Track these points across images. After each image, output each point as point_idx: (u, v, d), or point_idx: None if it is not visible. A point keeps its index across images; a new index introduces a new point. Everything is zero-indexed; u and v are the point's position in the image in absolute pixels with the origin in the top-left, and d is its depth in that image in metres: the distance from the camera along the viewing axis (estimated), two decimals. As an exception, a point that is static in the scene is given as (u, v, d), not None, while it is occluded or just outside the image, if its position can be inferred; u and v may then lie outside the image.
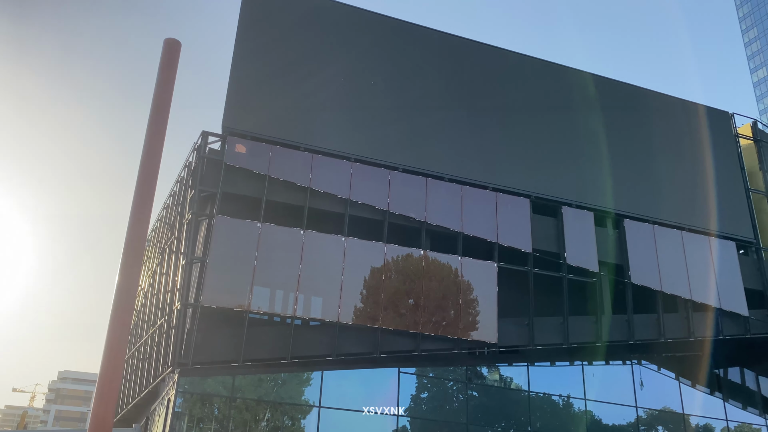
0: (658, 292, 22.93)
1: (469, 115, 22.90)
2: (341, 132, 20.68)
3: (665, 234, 24.05)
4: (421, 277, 19.77)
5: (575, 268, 22.05)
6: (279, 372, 19.02)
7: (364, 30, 22.50)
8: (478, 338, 19.83)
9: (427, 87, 22.70)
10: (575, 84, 25.30)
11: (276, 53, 20.87)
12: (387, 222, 20.03)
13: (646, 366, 24.96)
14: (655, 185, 25.08)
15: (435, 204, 20.79)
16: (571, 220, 22.60)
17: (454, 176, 21.43)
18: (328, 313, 18.38)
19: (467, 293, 20.27)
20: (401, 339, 19.13)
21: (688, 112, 27.41)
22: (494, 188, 21.88)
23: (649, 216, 24.04)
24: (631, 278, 22.65)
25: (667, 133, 26.55)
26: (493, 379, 22.50)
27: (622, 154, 25.00)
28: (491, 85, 23.84)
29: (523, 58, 24.82)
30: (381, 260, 19.46)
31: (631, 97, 26.39)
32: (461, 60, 23.72)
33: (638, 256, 23.08)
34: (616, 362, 24.34)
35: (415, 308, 19.39)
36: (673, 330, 23.16)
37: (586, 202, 23.13)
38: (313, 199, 19.39)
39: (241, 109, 19.69)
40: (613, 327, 22.23)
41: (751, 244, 26.10)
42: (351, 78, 21.69)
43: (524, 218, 21.87)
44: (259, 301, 17.99)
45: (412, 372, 20.70)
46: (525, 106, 24.05)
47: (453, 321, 19.71)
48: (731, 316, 24.17)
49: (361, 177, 20.11)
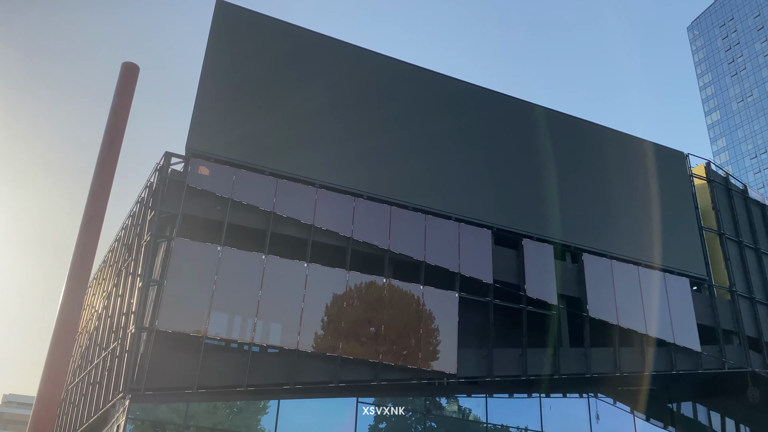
0: (615, 326, 23.32)
1: (435, 146, 23.20)
2: (306, 158, 20.67)
3: (622, 269, 24.56)
4: (383, 306, 19.71)
5: (534, 300, 22.29)
6: (234, 400, 18.59)
7: (332, 58, 22.69)
8: (438, 368, 19.78)
9: (393, 116, 22.93)
10: (539, 119, 25.90)
11: (244, 77, 20.87)
12: (350, 249, 19.98)
13: (602, 399, 25.22)
14: (613, 221, 25.69)
15: (399, 232, 20.87)
16: (532, 252, 22.92)
17: (418, 205, 21.58)
18: (287, 340, 18.13)
19: (428, 323, 20.28)
20: (361, 368, 18.95)
21: (645, 151, 28.27)
22: (457, 218, 22.08)
23: (606, 251, 24.55)
24: (589, 312, 22.99)
25: (625, 171, 27.30)
26: (452, 410, 22.42)
27: (582, 190, 25.60)
28: (456, 117, 24.22)
29: (488, 92, 25.34)
30: (343, 287, 19.36)
31: (592, 134, 27.12)
32: (428, 92, 24.09)
33: (596, 290, 23.49)
34: (573, 395, 24.54)
35: (376, 337, 19.28)
36: (629, 364, 23.51)
37: (547, 235, 23.51)
38: (276, 223, 19.25)
39: (205, 130, 19.53)
40: (571, 360, 22.46)
41: (704, 281, 26.83)
42: (318, 105, 21.77)
43: (486, 249, 22.09)
44: (217, 327, 17.65)
45: (370, 402, 20.48)
46: (489, 139, 24.49)
47: (413, 350, 19.64)
48: (684, 352, 24.68)
49: (326, 203, 20.09)
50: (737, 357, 26.21)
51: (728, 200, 30.19)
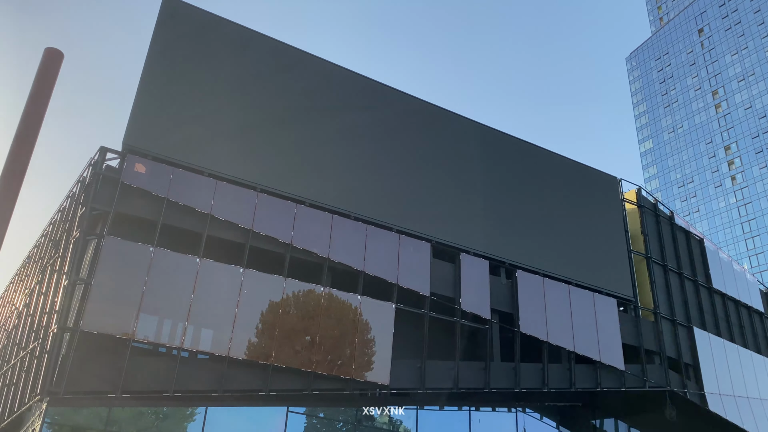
0: (545, 342, 23.92)
1: (380, 158, 23.30)
2: (248, 161, 20.36)
3: (554, 287, 25.26)
4: (320, 315, 19.56)
5: (469, 314, 22.63)
6: (160, 405, 18.00)
7: (280, 62, 22.49)
8: (371, 379, 19.75)
9: (339, 126, 22.89)
10: (482, 138, 26.41)
11: (187, 75, 20.40)
12: (289, 256, 19.78)
13: (529, 414, 25.80)
14: (547, 239, 26.41)
15: (339, 241, 20.80)
16: (468, 267, 23.28)
17: (360, 215, 21.59)
18: (219, 347, 17.71)
19: (364, 333, 20.25)
20: (293, 377, 18.71)
21: (581, 174, 29.26)
22: (398, 230, 22.22)
23: (540, 268, 25.20)
24: (520, 327, 23.51)
25: (561, 192, 28.16)
26: (383, 422, 22.41)
27: (519, 208, 26.23)
28: (403, 131, 24.42)
29: (437, 109, 25.63)
30: (280, 294, 19.11)
31: (531, 154, 27.85)
32: (377, 104, 24.19)
33: (528, 307, 24.05)
34: (501, 409, 25.00)
35: (311, 346, 19.09)
36: (556, 380, 24.13)
37: (483, 250, 23.94)
38: (212, 226, 18.84)
39: (144, 127, 18.97)
40: (501, 374, 22.88)
41: (630, 301, 27.90)
42: (262, 109, 21.52)
43: (424, 262, 22.30)
44: (145, 330, 17.06)
45: (301, 412, 20.25)
46: (433, 154, 24.79)
47: (348, 361, 19.55)
48: (609, 370, 25.55)
49: (266, 208, 19.82)
50: (658, 376, 27.34)
51: (656, 225, 31.58)
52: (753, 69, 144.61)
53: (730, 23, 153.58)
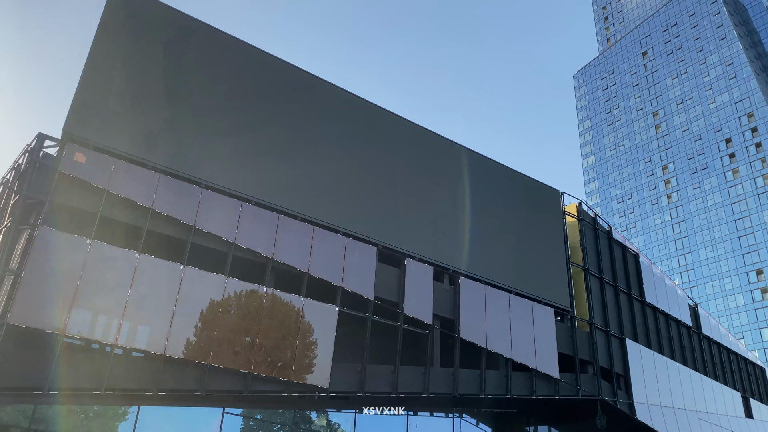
0: (484, 349, 24.31)
1: (330, 160, 23.21)
2: (193, 155, 19.92)
3: (495, 295, 25.73)
4: (261, 315, 19.31)
5: (411, 319, 22.78)
6: (91, 404, 17.40)
7: (232, 58, 22.15)
8: (311, 382, 19.62)
9: (290, 125, 22.70)
10: (433, 146, 26.69)
11: (134, 65, 19.82)
12: (232, 254, 19.47)
13: (466, 419, 26.16)
14: (491, 248, 26.90)
15: (284, 242, 20.60)
16: (413, 272, 23.46)
17: (307, 216, 21.45)
18: (155, 345, 17.24)
19: (306, 335, 20.10)
20: (231, 378, 18.39)
21: (525, 185, 29.95)
22: (345, 233, 22.18)
23: (482, 276, 25.61)
24: (461, 334, 23.83)
25: (505, 202, 28.75)
26: (321, 425, 22.31)
27: (465, 215, 26.60)
28: (356, 135, 24.41)
29: (390, 115, 25.73)
30: (221, 294, 18.77)
31: (477, 164, 28.30)
32: (330, 105, 24.11)
33: (469, 313, 24.41)
34: (439, 414, 25.26)
35: (251, 347, 18.82)
36: (493, 386, 24.56)
37: (428, 256, 24.17)
38: (153, 221, 18.35)
39: (86, 115, 18.30)
40: (440, 379, 23.11)
41: (567, 312, 28.70)
42: (211, 104, 21.13)
43: (370, 266, 22.33)
44: (78, 325, 16.44)
45: (237, 413, 19.94)
46: (385, 159, 24.88)
47: (288, 363, 19.36)
48: (544, 378, 26.18)
49: (210, 205, 19.46)
50: (590, 385, 28.19)
51: (594, 239, 32.62)
52: (691, 93, 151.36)
53: (672, 48, 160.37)
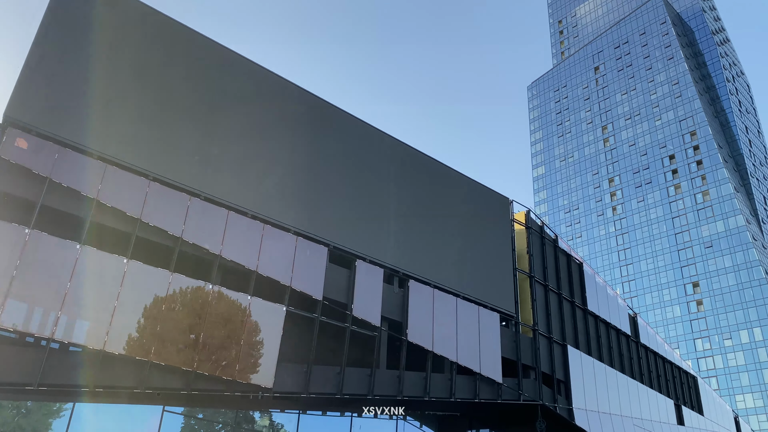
0: (430, 352, 24.52)
1: (282, 157, 23.01)
2: (141, 146, 19.40)
3: (443, 298, 25.99)
4: (207, 313, 18.96)
5: (359, 321, 22.79)
6: (23, 399, 16.74)
7: (187, 49, 21.72)
8: (255, 382, 19.37)
9: (243, 120, 22.41)
10: (384, 147, 26.79)
11: (84, 49, 19.16)
12: (178, 250, 19.06)
13: (409, 421, 26.34)
14: (440, 252, 27.17)
15: (233, 239, 20.29)
16: (363, 273, 23.47)
17: (257, 213, 21.19)
18: (94, 340, 16.71)
19: (252, 334, 19.85)
20: (172, 376, 18.00)
21: (475, 191, 30.38)
22: (296, 232, 22.01)
23: (431, 279, 25.84)
24: (408, 336, 23.96)
25: (455, 207, 29.10)
26: (263, 425, 22.09)
27: (416, 219, 26.80)
28: (310, 132, 24.28)
29: (346, 115, 25.69)
30: (165, 289, 18.34)
31: (430, 168, 28.55)
32: (286, 102, 23.90)
33: (417, 316, 24.57)
34: (383, 416, 25.34)
35: (195, 344, 18.46)
36: (438, 389, 24.79)
37: (379, 258, 24.22)
38: (98, 212, 17.81)
39: (30, 100, 17.60)
40: (385, 382, 23.18)
41: (512, 317, 29.23)
42: (161, 94, 20.66)
43: (320, 266, 22.22)
44: (12, 317, 15.80)
45: (178, 412, 19.54)
46: (337, 158, 24.83)
47: (232, 362, 19.07)
48: (487, 382, 26.58)
49: (157, 197, 19.00)
50: (532, 390, 28.79)
51: (541, 247, 33.36)
52: (639, 109, 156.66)
53: (622, 65, 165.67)
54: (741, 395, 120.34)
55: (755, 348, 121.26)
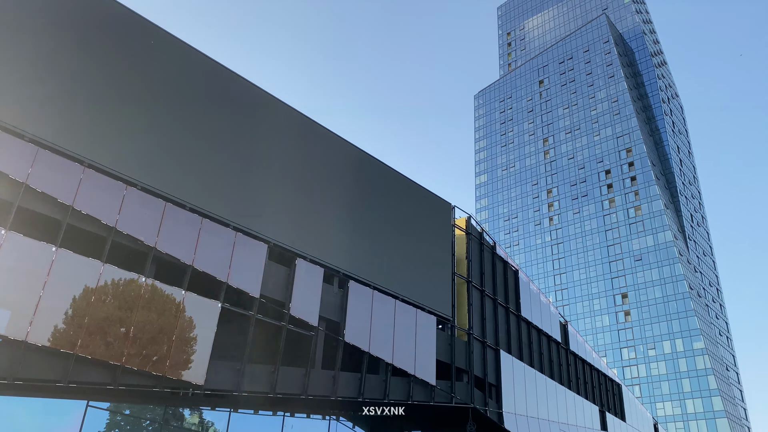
0: (366, 353, 24.59)
1: (225, 151, 22.62)
2: (78, 133, 18.68)
3: (382, 300, 26.13)
4: (139, 306, 18.41)
5: (297, 320, 22.62)
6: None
7: (129, 33, 21.06)
8: (186, 378, 18.93)
9: (185, 111, 21.91)
10: (329, 146, 26.72)
11: (21, 29, 18.29)
12: (111, 240, 18.44)
13: (342, 422, 26.30)
14: (381, 254, 27.30)
15: (169, 231, 19.78)
16: (303, 272, 23.31)
17: (196, 206, 20.74)
18: (15, 330, 15.95)
19: (186, 330, 19.39)
20: (99, 370, 17.38)
21: (419, 195, 30.69)
22: (236, 227, 21.67)
23: (371, 281, 25.93)
24: (345, 337, 23.96)
25: (398, 210, 29.32)
26: (193, 423, 21.62)
27: (358, 219, 26.86)
28: (251, 126, 23.95)
29: (289, 109, 25.44)
30: (96, 280, 17.70)
31: (375, 170, 28.66)
32: (227, 92, 23.50)
33: (355, 317, 24.60)
34: (316, 416, 25.22)
35: (125, 338, 17.88)
36: (372, 390, 24.88)
37: (319, 257, 24.12)
38: (26, 197, 17.04)
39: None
40: (320, 382, 23.10)
41: (449, 321, 29.65)
42: (102, 78, 19.96)
43: (258, 263, 21.95)
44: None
45: (103, 407, 18.89)
46: (279, 156, 24.58)
47: (163, 357, 18.59)
48: (421, 384, 26.87)
49: (91, 185, 18.32)
50: (464, 393, 29.27)
51: (479, 253, 34.00)
52: (579, 124, 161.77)
53: (565, 80, 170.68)
54: (661, 403, 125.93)
55: (676, 358, 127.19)
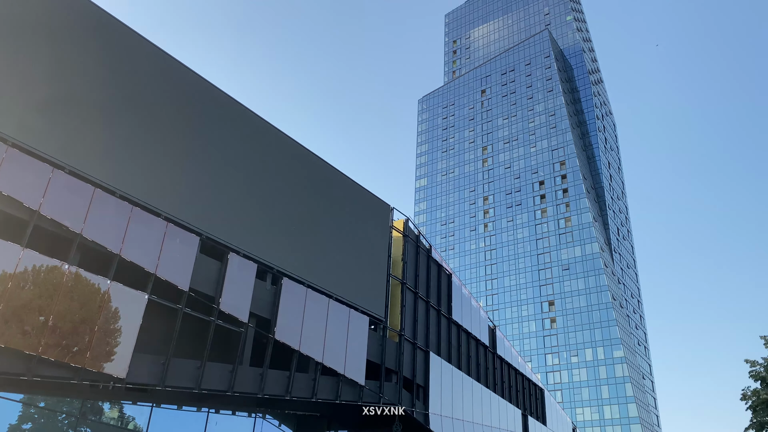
0: (296, 351, 24.40)
1: (159, 138, 21.96)
2: (5, 110, 17.77)
3: (315, 298, 25.97)
4: (61, 295, 17.62)
5: (226, 315, 22.20)
6: None
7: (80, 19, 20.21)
8: (107, 371, 18.26)
9: (119, 94, 21.16)
10: (267, 140, 26.40)
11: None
12: (33, 224, 17.60)
13: (268, 420, 26.06)
14: (317, 252, 27.16)
15: (97, 218, 19.01)
16: (235, 267, 22.89)
17: (126, 194, 20.04)
18: None
19: (110, 321, 18.70)
20: (12, 360, 16.53)
21: (358, 195, 30.74)
22: (167, 218, 21.06)
23: (305, 279, 25.73)
24: (275, 334, 23.70)
25: (336, 208, 29.27)
26: (112, 417, 20.93)
27: (294, 216, 26.63)
28: (189, 114, 23.39)
29: (229, 100, 25.01)
30: (15, 265, 16.85)
31: (314, 167, 28.51)
32: (165, 79, 22.89)
33: (287, 314, 24.35)
34: (242, 413, 24.87)
35: (44, 327, 17.08)
36: (300, 389, 24.71)
37: (253, 253, 23.75)
38: (-58, 175, 16.07)
39: None
40: (248, 379, 22.75)
41: (381, 321, 29.83)
42: (31, 58, 19.07)
43: (189, 255, 21.41)
44: None
45: (16, 399, 18.02)
46: (216, 147, 24.06)
47: (84, 348, 17.86)
48: (350, 383, 26.90)
49: (15, 165, 17.42)
50: (392, 394, 29.51)
51: (415, 255, 34.37)
52: (517, 135, 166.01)
53: (507, 91, 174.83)
54: (581, 408, 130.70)
55: (597, 366, 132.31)
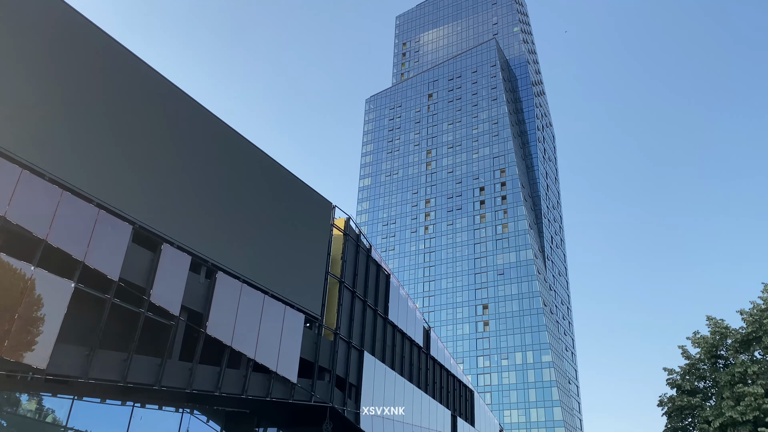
0: (228, 346, 23.97)
1: (97, 121, 21.13)
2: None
3: (250, 294, 25.57)
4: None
5: (157, 308, 21.58)
6: None
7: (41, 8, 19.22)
8: (26, 361, 17.42)
9: (55, 77, 20.29)
10: (211, 132, 25.87)
11: None
12: (-48, 204, 16.63)
13: (196, 416, 25.52)
14: (254, 247, 26.76)
15: (23, 201, 18.12)
16: (168, 259, 22.27)
17: (56, 177, 19.18)
18: None
19: (32, 309, 17.85)
20: None
21: (300, 191, 30.48)
22: (99, 204, 20.29)
23: (241, 273, 25.30)
24: (207, 329, 23.21)
25: (277, 203, 28.91)
26: (29, 409, 20.02)
27: (233, 209, 26.17)
28: (131, 101, 22.65)
29: (175, 90, 24.38)
30: (-73, 246, 15.90)
31: (256, 159, 28.07)
32: (115, 66, 22.10)
33: (220, 309, 23.88)
34: (169, 408, 24.26)
35: (-43, 314, 16.18)
36: (230, 385, 24.30)
37: (188, 245, 23.17)
38: None
39: None
40: (176, 373, 22.17)
41: (317, 319, 29.68)
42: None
43: (121, 244, 20.68)
44: None
45: None
46: (157, 135, 23.42)
47: (2, 337, 16.99)
48: (282, 381, 26.65)
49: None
50: (324, 392, 29.43)
51: (355, 255, 34.39)
52: (461, 141, 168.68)
53: (453, 97, 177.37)
54: (509, 410, 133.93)
55: (525, 369, 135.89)
